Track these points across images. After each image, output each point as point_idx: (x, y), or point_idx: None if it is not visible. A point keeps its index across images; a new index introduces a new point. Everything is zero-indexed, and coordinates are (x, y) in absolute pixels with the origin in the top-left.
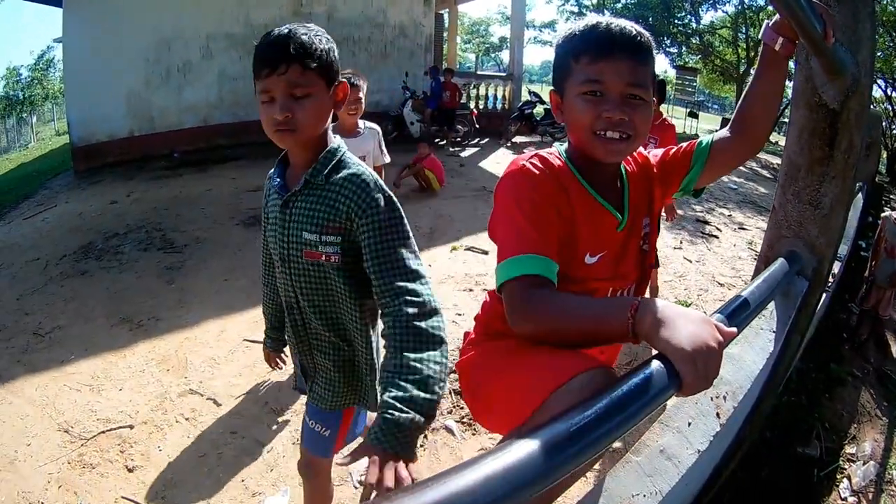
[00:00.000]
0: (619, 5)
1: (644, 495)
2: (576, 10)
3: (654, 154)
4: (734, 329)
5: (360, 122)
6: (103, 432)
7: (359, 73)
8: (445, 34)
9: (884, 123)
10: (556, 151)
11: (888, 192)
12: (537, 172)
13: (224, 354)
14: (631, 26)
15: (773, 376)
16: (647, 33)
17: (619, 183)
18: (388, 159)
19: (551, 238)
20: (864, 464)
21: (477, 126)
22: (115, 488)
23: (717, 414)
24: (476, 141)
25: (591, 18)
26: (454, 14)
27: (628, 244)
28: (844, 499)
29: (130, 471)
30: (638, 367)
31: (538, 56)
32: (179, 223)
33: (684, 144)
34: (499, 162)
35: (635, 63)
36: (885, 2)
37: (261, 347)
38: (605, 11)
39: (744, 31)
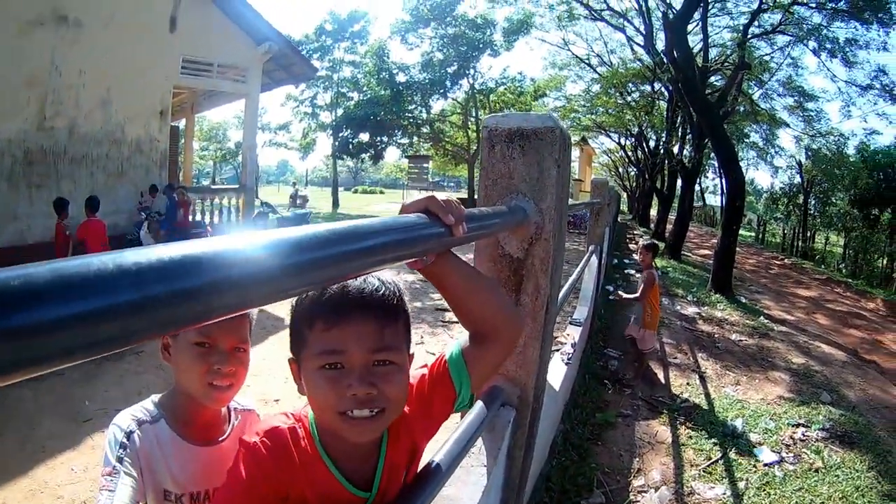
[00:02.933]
0: (352, 104)
1: None
2: (310, 110)
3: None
4: None
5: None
6: None
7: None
8: (182, 143)
9: (620, 169)
10: (307, 417)
11: (632, 229)
12: (269, 458)
13: None
14: (374, 280)
15: (507, 484)
16: (393, 283)
17: (378, 445)
18: None
19: None
20: (655, 490)
21: None
22: None
23: None
24: None
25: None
26: (191, 122)
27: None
28: None
29: None
30: None
31: (274, 157)
32: None
33: (427, 370)
34: None
35: (381, 324)
36: (614, 65)
37: None
38: (338, 110)
39: (473, 114)
